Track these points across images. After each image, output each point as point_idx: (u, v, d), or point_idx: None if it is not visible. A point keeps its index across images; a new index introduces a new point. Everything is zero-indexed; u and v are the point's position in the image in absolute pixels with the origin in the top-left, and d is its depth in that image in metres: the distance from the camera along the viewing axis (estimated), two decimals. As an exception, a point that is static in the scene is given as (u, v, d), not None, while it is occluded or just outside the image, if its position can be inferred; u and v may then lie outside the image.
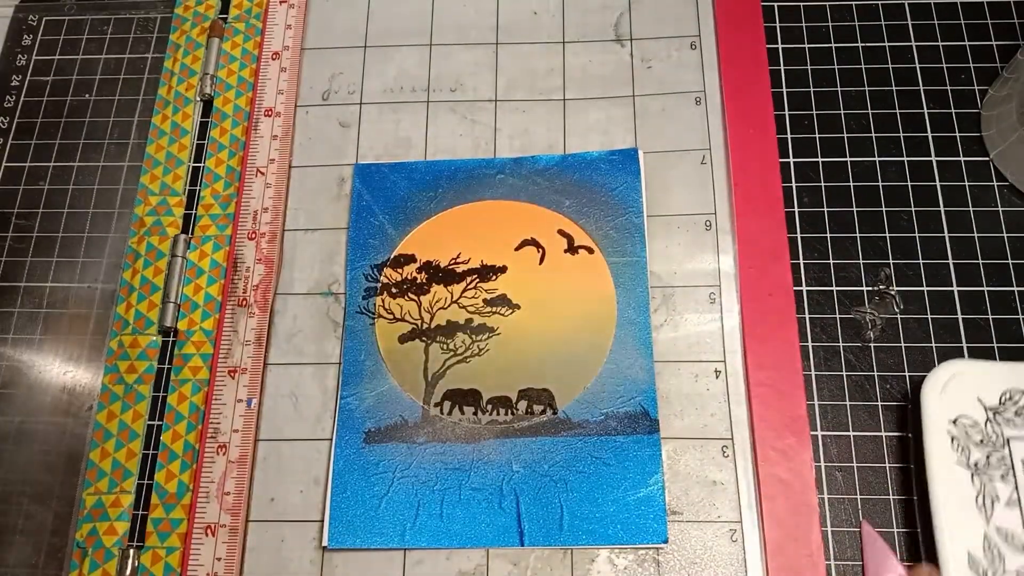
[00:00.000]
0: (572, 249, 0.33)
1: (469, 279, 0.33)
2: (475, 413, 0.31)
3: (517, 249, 0.34)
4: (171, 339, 0.33)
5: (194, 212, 0.35)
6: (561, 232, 0.34)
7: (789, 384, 0.31)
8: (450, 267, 0.34)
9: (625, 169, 0.34)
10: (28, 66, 0.39)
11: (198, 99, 0.37)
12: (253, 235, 0.34)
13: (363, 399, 0.32)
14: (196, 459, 0.31)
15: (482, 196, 0.35)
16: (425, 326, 0.33)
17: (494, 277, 0.33)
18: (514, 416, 0.31)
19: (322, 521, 0.30)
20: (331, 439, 0.32)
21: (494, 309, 0.33)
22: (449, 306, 0.33)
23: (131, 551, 0.30)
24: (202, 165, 0.36)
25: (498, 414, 0.31)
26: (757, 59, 0.36)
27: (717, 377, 0.32)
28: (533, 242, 0.34)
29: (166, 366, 0.33)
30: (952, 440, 0.27)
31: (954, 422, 0.27)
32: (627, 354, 0.32)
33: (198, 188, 0.36)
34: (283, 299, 0.34)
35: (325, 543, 0.30)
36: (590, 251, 0.33)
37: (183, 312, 0.33)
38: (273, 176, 0.35)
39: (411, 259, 0.34)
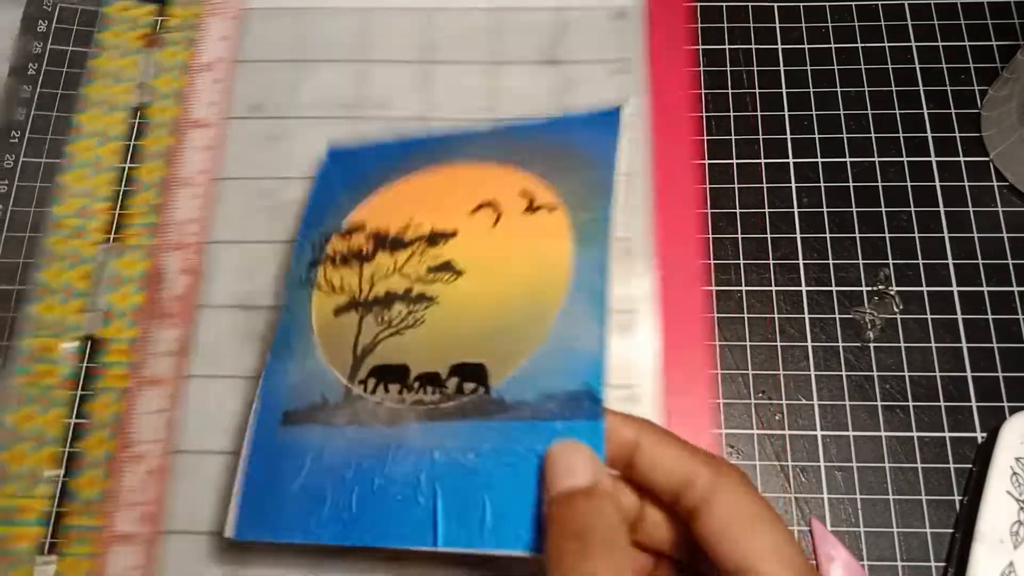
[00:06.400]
0: (531, 209, 0.30)
1: (417, 246, 0.30)
2: (400, 391, 0.27)
3: (473, 212, 0.30)
4: (92, 347, 0.33)
5: (117, 219, 0.35)
6: (523, 193, 0.30)
7: (702, 411, 0.31)
8: (398, 235, 0.30)
9: (605, 126, 0.31)
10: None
11: (130, 106, 0.37)
12: (179, 245, 0.34)
13: (287, 376, 0.29)
14: (112, 468, 0.31)
15: (448, 160, 0.32)
16: (363, 297, 0.29)
17: (443, 242, 0.30)
18: (442, 395, 0.27)
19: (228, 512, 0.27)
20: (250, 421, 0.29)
21: (436, 276, 0.29)
22: (392, 275, 0.30)
23: (45, 557, 0.30)
24: (126, 173, 0.35)
25: (425, 392, 0.27)
26: (685, 84, 0.36)
27: (634, 405, 0.31)
28: (491, 204, 0.30)
29: (85, 374, 0.32)
30: (1013, 473, 0.29)
31: (1018, 459, 0.29)
32: (576, 321, 0.27)
33: (120, 196, 0.35)
34: (205, 311, 0.33)
35: (229, 533, 0.27)
36: (551, 210, 0.29)
37: (106, 320, 0.33)
38: (201, 187, 0.35)
39: (360, 227, 0.31)
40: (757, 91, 0.36)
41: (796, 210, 0.34)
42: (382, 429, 0.27)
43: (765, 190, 0.35)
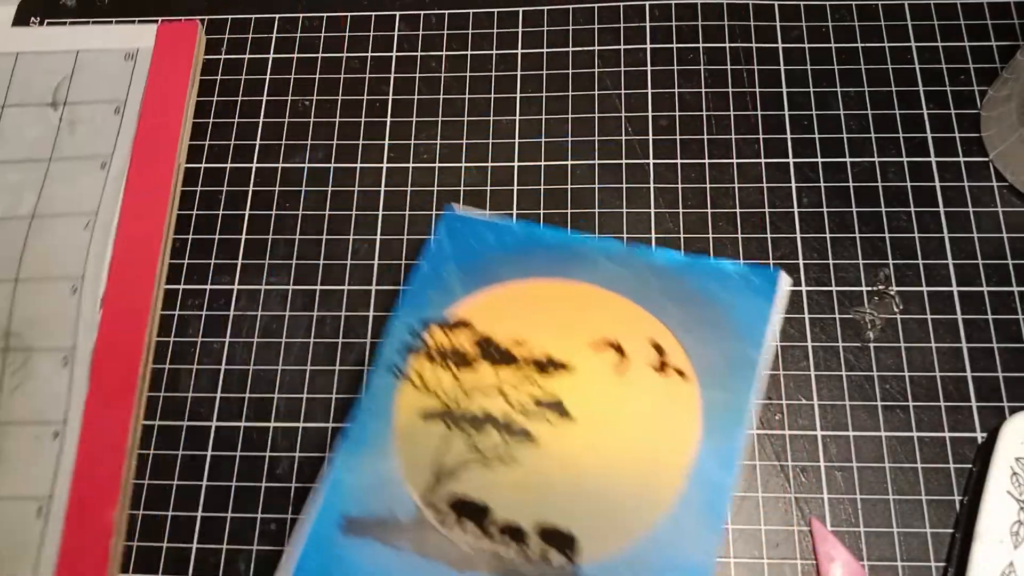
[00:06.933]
0: (662, 367, 0.27)
1: (526, 369, 0.27)
2: (478, 536, 0.25)
3: (595, 349, 0.27)
4: None
5: None
6: (654, 344, 0.27)
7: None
8: (509, 349, 0.28)
9: (757, 290, 0.28)
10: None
11: None
12: None
13: (357, 474, 0.26)
14: None
15: (575, 276, 0.29)
16: (457, 409, 0.27)
17: (556, 374, 0.27)
18: (523, 556, 0.25)
19: None
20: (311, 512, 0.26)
21: (541, 412, 0.27)
22: (492, 394, 0.27)
23: None
24: None
25: (505, 546, 0.25)
26: (171, 129, 0.36)
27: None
28: (616, 346, 0.27)
29: None
30: (1012, 473, 0.29)
31: (1019, 459, 0.29)
32: (689, 522, 0.24)
33: None
34: None
35: None
36: (683, 376, 0.27)
37: None
38: None
39: (467, 325, 0.28)
40: (757, 90, 0.36)
41: (796, 210, 0.34)
42: (448, 571, 0.25)
43: (765, 190, 0.35)
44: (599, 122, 0.37)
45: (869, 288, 0.33)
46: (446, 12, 0.39)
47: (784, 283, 0.28)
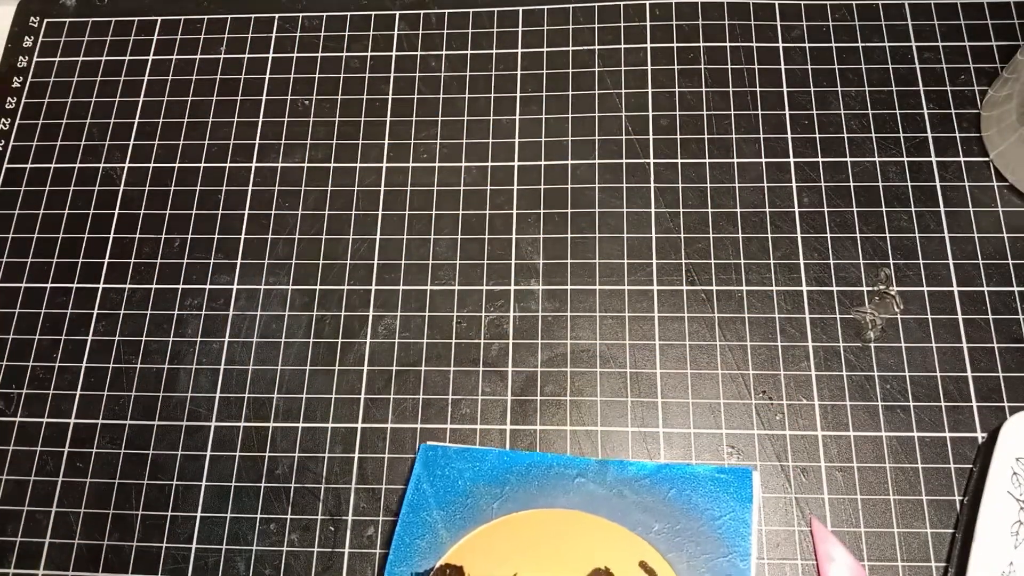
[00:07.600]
0: None
1: None
2: None
3: None
4: None
5: None
6: (644, 566, 0.28)
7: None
8: None
9: (733, 493, 0.29)
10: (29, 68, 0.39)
11: None
12: None
13: None
14: None
15: (555, 502, 0.29)
16: None
17: None
18: None
19: None
20: None
21: None
22: None
23: None
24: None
25: None
26: None
27: None
28: (607, 574, 0.28)
29: None
30: (1013, 473, 0.29)
31: (1019, 459, 0.29)
32: None
33: None
34: None
35: None
36: None
37: None
38: None
39: (459, 572, 0.28)
40: (758, 90, 0.36)
41: (797, 210, 0.34)
42: None
43: (766, 189, 0.35)
44: (599, 122, 0.37)
45: (870, 288, 0.33)
46: (446, 11, 0.39)
47: (758, 482, 0.29)
